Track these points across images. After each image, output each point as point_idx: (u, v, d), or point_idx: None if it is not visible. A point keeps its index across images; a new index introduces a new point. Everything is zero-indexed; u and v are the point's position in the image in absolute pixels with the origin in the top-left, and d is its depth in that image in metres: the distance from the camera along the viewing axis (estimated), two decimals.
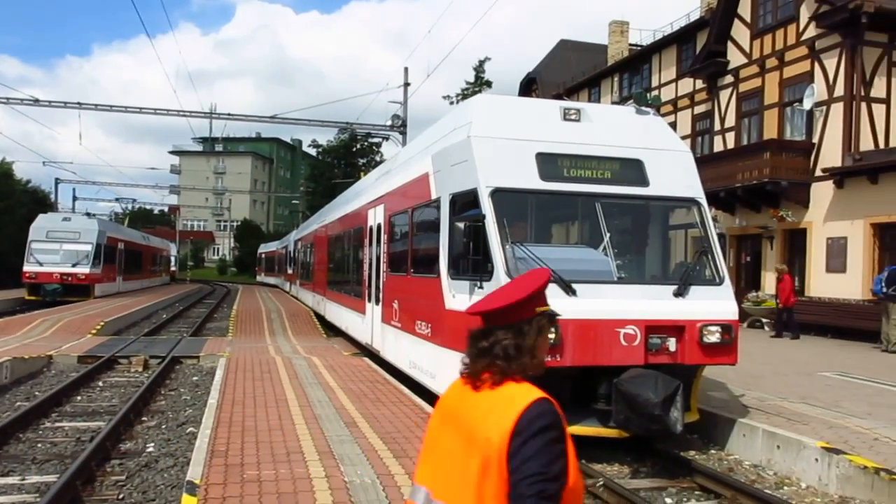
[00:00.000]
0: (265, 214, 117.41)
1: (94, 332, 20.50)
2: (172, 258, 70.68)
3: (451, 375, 9.64)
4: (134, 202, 68.68)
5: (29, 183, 56.49)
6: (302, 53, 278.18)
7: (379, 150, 66.67)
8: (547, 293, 2.37)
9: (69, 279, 34.00)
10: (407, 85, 34.18)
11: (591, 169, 9.39)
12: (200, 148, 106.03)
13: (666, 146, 9.98)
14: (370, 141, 60.95)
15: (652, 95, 27.99)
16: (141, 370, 15.43)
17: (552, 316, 2.39)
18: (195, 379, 14.48)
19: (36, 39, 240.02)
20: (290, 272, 43.87)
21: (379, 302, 14.21)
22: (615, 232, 9.32)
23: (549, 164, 9.21)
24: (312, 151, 78.02)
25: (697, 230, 9.75)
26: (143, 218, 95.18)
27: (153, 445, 9.42)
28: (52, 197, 58.17)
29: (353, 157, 67.97)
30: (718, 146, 27.50)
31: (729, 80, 27.04)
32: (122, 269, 41.77)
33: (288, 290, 45.35)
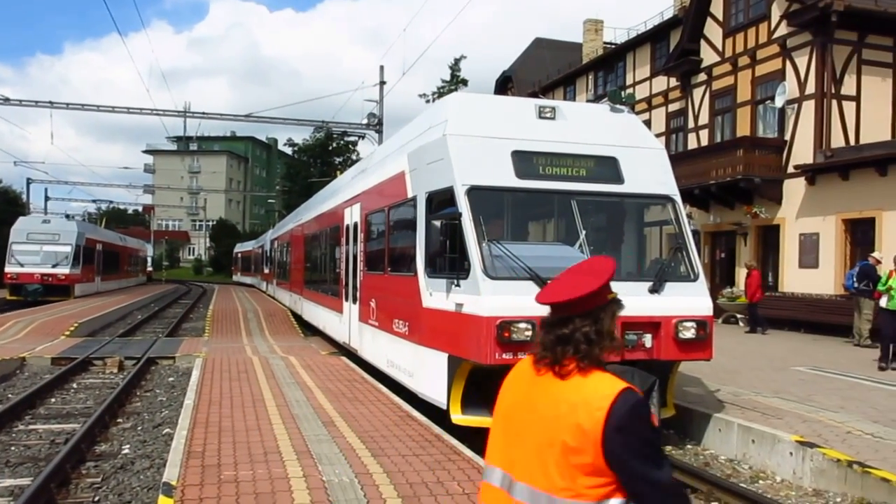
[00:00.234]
0: (241, 214, 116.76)
1: (67, 333, 20.30)
2: (148, 258, 70.74)
3: (428, 373, 9.66)
4: (110, 203, 68.36)
5: (0, 183, 55.92)
6: (276, 52, 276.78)
7: (355, 148, 66.56)
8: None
9: (49, 279, 35.08)
10: (383, 83, 34.14)
11: (566, 167, 9.43)
12: (174, 147, 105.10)
13: (640, 144, 10.05)
14: (346, 140, 60.92)
15: (626, 93, 28.08)
16: (116, 371, 15.30)
17: (620, 302, 2.54)
18: (171, 380, 14.39)
19: (5, 37, 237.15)
20: (266, 272, 43.71)
21: (356, 301, 14.20)
22: (591, 229, 9.37)
23: (524, 161, 9.24)
24: (288, 150, 77.64)
25: (672, 227, 9.82)
26: (117, 218, 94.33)
27: (129, 447, 9.35)
28: (23, 197, 57.60)
29: (329, 155, 67.73)
30: (692, 144, 27.72)
31: (702, 78, 27.26)
32: (100, 269, 42.52)
33: (265, 289, 45.16)
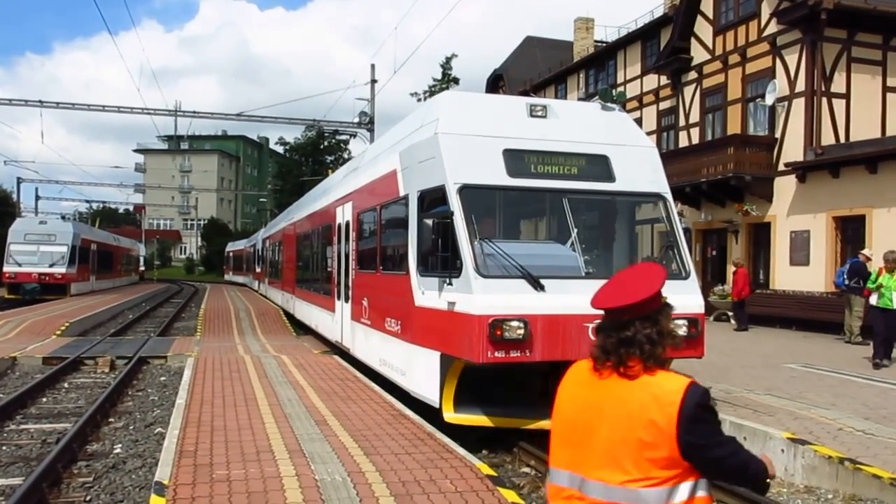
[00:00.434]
0: (232, 213, 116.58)
1: (58, 332, 20.24)
2: (141, 258, 71.10)
3: (421, 372, 9.66)
4: (103, 204, 68.44)
5: None
6: (267, 50, 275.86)
7: (347, 147, 66.64)
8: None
9: (47, 279, 36.25)
10: (374, 82, 34.15)
11: (557, 165, 9.44)
12: (165, 146, 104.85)
13: (631, 142, 10.06)
14: (338, 138, 60.98)
15: (617, 92, 28.20)
16: (107, 371, 15.26)
17: (671, 305, 2.65)
18: (163, 379, 14.36)
19: None
20: (258, 271, 43.66)
21: (348, 300, 14.19)
22: (582, 227, 9.38)
23: (516, 160, 9.25)
24: (280, 149, 77.56)
25: (663, 225, 9.84)
26: (107, 217, 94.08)
27: (121, 446, 9.34)
28: (14, 196, 57.42)
29: (320, 154, 67.72)
30: (683, 141, 27.80)
31: (693, 76, 27.33)
32: (95, 268, 43.69)
33: (257, 288, 45.09)
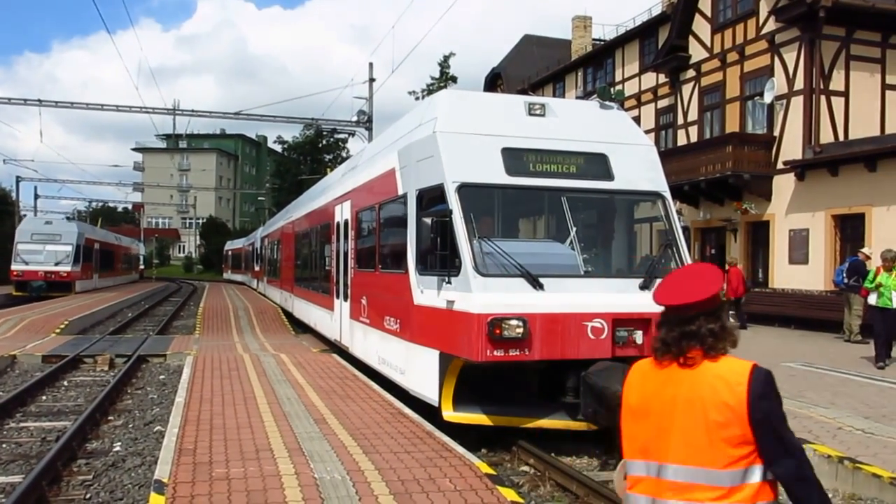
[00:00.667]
0: (231, 211, 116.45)
1: (58, 331, 20.26)
2: (140, 256, 71.85)
3: (419, 370, 9.67)
4: (103, 203, 68.80)
5: None
6: (265, 49, 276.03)
7: (345, 146, 66.66)
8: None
9: (52, 277, 37.77)
10: (372, 80, 34.10)
11: (556, 163, 9.44)
12: (164, 145, 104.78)
13: (630, 140, 10.07)
14: (336, 137, 60.91)
15: (615, 90, 28.24)
16: (107, 369, 15.28)
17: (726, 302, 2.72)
18: (162, 377, 14.37)
19: None
20: (257, 269, 43.71)
21: (347, 298, 14.19)
22: (581, 226, 9.38)
23: (514, 158, 9.25)
24: (278, 148, 77.56)
25: (662, 223, 9.84)
26: (106, 216, 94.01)
27: (120, 445, 9.35)
28: (13, 195, 57.38)
29: (318, 153, 67.72)
30: (682, 140, 27.80)
31: (691, 74, 27.33)
32: (98, 267, 45.33)
33: (255, 287, 45.10)
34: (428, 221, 8.91)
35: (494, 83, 44.22)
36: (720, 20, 25.84)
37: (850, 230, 20.87)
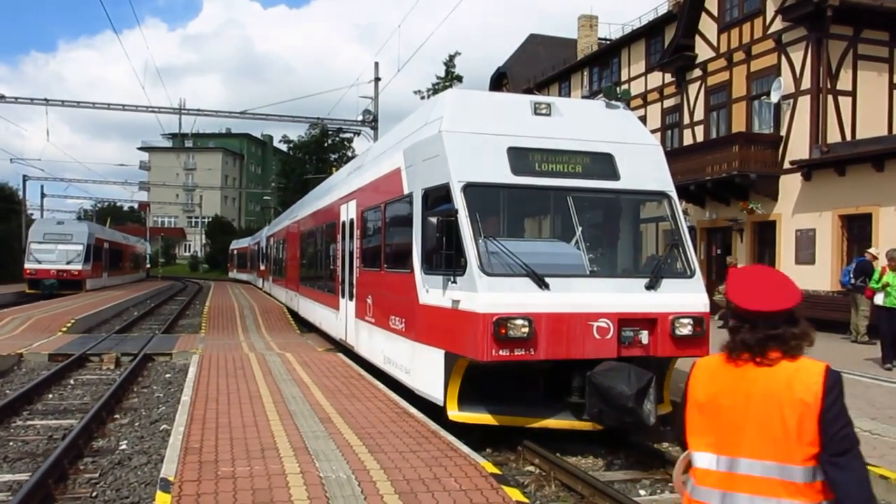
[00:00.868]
0: (236, 210, 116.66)
1: (64, 329, 20.31)
2: (147, 255, 72.79)
3: (425, 370, 9.68)
4: (110, 203, 69.40)
5: None
6: (270, 48, 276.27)
7: (350, 145, 66.56)
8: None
9: (64, 275, 39.09)
10: (377, 80, 34.13)
11: (561, 163, 9.44)
12: (170, 144, 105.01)
13: (636, 140, 10.05)
14: (341, 136, 60.81)
15: (621, 89, 28.14)
16: (113, 368, 15.32)
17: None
18: (168, 376, 14.40)
19: (0, 35, 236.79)
20: (262, 268, 43.81)
21: (352, 297, 14.20)
22: (587, 226, 9.38)
23: (520, 158, 9.25)
24: (283, 147, 77.53)
25: (668, 223, 9.82)
26: (112, 215, 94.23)
27: (126, 443, 9.37)
28: (19, 194, 57.52)
29: (324, 152, 67.67)
30: (688, 139, 27.73)
31: (697, 73, 27.27)
32: (107, 265, 47.00)
33: (261, 286, 45.18)
34: (433, 221, 8.91)
35: (500, 83, 44.20)
36: (727, 19, 25.77)
37: (857, 230, 20.80)
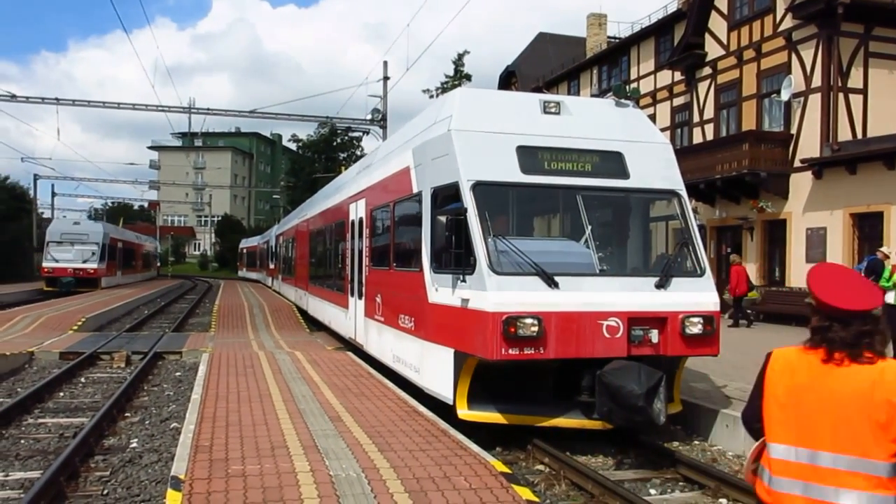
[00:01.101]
0: (246, 209, 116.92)
1: (75, 328, 20.38)
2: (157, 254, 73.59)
3: (434, 369, 9.69)
4: (119, 201, 70.21)
5: (7, 179, 56.29)
6: (279, 47, 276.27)
7: (359, 144, 66.63)
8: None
9: (80, 273, 40.53)
10: (386, 79, 34.14)
11: (571, 162, 9.42)
12: (179, 143, 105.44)
13: (645, 138, 10.03)
14: (350, 135, 60.86)
15: (631, 88, 28.15)
16: (123, 366, 15.37)
17: None
18: (178, 374, 14.45)
19: (10, 35, 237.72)
20: (271, 267, 43.89)
21: (362, 296, 14.21)
22: (596, 224, 9.36)
23: (529, 157, 9.24)
24: (292, 146, 77.75)
25: (678, 222, 9.80)
26: (122, 214, 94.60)
27: (137, 441, 9.40)
28: (30, 193, 57.78)
29: (333, 151, 67.80)
30: (697, 138, 27.66)
31: (707, 71, 27.19)
32: (121, 264, 48.52)
33: (270, 285, 45.25)
34: (443, 219, 8.92)
35: (509, 81, 44.16)
36: (737, 17, 25.69)
37: (868, 229, 20.71)
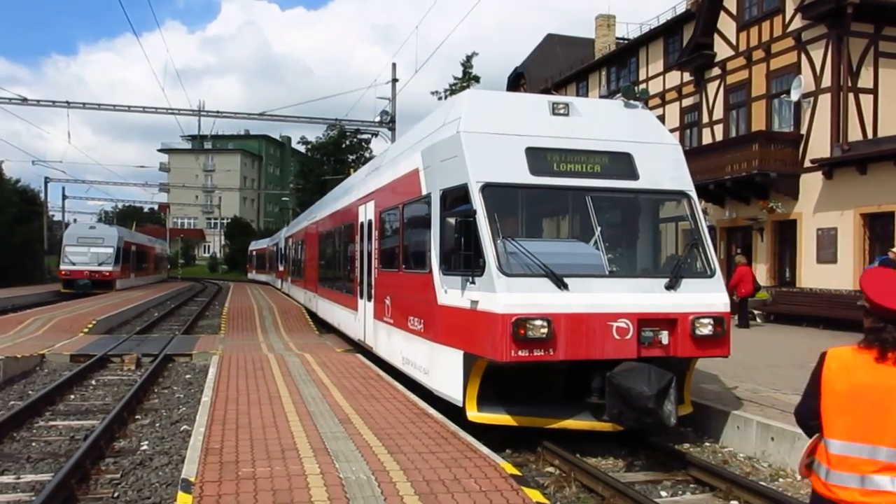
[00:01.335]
0: (255, 212, 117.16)
1: (85, 330, 20.46)
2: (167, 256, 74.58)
3: (444, 371, 9.69)
4: (129, 203, 71.18)
5: (18, 182, 56.49)
6: (288, 50, 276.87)
7: (368, 146, 66.79)
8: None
9: (96, 275, 42.13)
10: (395, 81, 34.15)
11: (580, 163, 9.40)
12: (189, 146, 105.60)
13: (655, 139, 10.00)
14: (359, 137, 61.07)
15: (640, 89, 27.96)
16: (133, 368, 15.42)
17: None
18: (188, 377, 14.48)
19: (21, 39, 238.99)
20: (281, 269, 43.99)
21: (371, 298, 14.21)
22: (606, 225, 9.34)
23: (538, 158, 9.22)
24: (302, 148, 77.80)
25: (688, 223, 9.76)
26: (132, 216, 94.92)
27: (147, 443, 9.43)
28: (41, 196, 58.04)
29: (342, 153, 67.88)
30: (707, 139, 27.60)
31: (716, 72, 27.12)
32: (134, 267, 50.22)
33: (279, 287, 45.35)
34: (452, 221, 8.91)
35: (517, 83, 44.14)
36: (746, 18, 25.62)
37: (879, 229, 20.61)
